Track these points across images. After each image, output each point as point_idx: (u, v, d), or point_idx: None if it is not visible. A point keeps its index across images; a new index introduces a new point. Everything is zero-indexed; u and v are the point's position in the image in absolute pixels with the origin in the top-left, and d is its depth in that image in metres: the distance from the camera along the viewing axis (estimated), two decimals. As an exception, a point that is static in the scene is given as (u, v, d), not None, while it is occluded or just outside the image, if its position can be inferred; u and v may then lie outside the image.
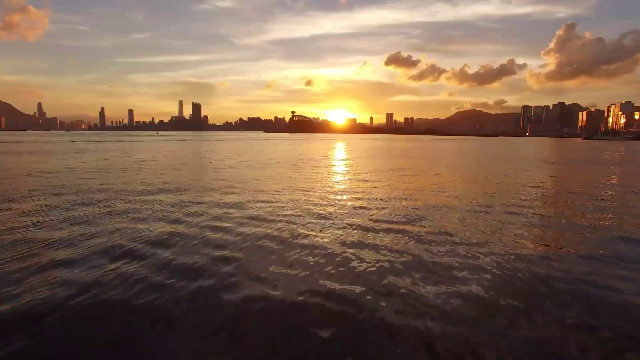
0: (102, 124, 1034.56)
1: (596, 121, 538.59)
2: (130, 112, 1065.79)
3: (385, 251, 10.59)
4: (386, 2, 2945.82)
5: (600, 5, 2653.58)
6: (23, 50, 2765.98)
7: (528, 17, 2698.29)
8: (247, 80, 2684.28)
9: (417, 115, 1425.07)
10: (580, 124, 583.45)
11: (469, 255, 10.32)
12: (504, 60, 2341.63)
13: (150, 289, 7.94)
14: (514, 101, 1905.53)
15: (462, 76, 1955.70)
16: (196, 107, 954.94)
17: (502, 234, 12.45)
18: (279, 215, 14.92)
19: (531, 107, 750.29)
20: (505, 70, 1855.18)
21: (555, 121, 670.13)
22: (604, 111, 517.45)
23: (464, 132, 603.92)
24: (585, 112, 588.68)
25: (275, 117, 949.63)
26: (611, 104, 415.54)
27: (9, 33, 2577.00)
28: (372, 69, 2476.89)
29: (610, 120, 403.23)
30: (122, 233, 12.14)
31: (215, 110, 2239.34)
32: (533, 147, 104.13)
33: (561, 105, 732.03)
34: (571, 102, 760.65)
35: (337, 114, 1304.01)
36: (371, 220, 14.31)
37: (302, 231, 12.65)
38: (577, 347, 6.11)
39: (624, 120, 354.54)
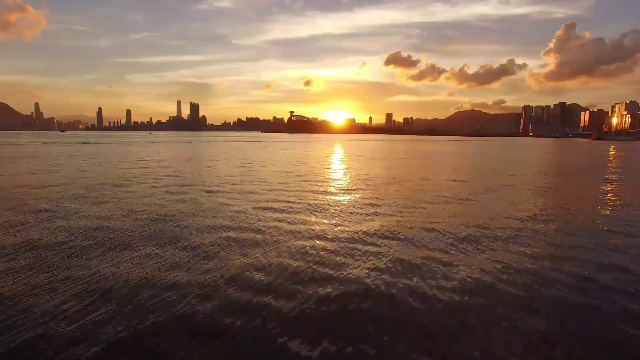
0: (99, 124, 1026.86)
1: (598, 121, 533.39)
2: (128, 112, 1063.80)
3: None
4: (384, 2, 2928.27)
5: (597, 5, 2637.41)
6: (21, 50, 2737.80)
7: (526, 18, 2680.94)
8: (245, 80, 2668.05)
9: (416, 115, 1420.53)
10: (582, 124, 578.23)
11: None
12: (501, 60, 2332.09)
13: None
14: (512, 101, 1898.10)
15: (461, 76, 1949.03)
16: (194, 107, 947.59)
17: None
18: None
19: (532, 107, 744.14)
20: (505, 71, 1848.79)
21: (556, 121, 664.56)
22: (607, 111, 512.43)
23: (464, 132, 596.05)
24: (587, 112, 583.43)
25: (274, 117, 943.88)
26: (615, 104, 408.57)
27: (6, 32, 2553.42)
28: (371, 69, 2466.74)
29: (615, 120, 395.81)
30: None
31: (215, 111, 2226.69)
32: (562, 151, 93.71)
33: (562, 105, 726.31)
34: (570, 102, 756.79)
35: (336, 114, 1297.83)
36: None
37: None
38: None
39: (630, 120, 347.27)
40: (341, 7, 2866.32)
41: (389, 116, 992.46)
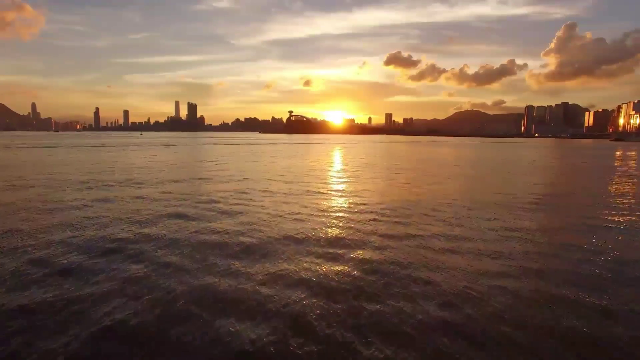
0: (96, 125, 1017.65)
1: (603, 122, 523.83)
2: (126, 112, 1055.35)
3: None
4: (383, 2, 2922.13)
5: (596, 6, 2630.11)
6: (18, 49, 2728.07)
7: (525, 18, 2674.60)
8: (245, 80, 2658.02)
9: (415, 115, 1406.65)
10: (586, 124, 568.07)
11: None
12: (501, 61, 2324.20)
13: None
14: (512, 102, 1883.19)
15: (461, 76, 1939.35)
16: (192, 108, 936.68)
17: None
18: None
19: (534, 107, 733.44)
20: (505, 71, 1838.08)
21: (558, 122, 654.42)
22: (612, 111, 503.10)
23: (466, 132, 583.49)
24: (592, 112, 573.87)
25: (273, 118, 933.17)
26: (622, 104, 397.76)
27: (4, 32, 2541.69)
28: (370, 69, 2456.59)
29: (622, 120, 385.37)
30: None
31: (214, 111, 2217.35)
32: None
33: (564, 105, 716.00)
34: (571, 103, 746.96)
35: (335, 114, 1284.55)
36: None
37: None
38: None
39: (639, 120, 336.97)
40: (340, 8, 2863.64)
41: (388, 116, 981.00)
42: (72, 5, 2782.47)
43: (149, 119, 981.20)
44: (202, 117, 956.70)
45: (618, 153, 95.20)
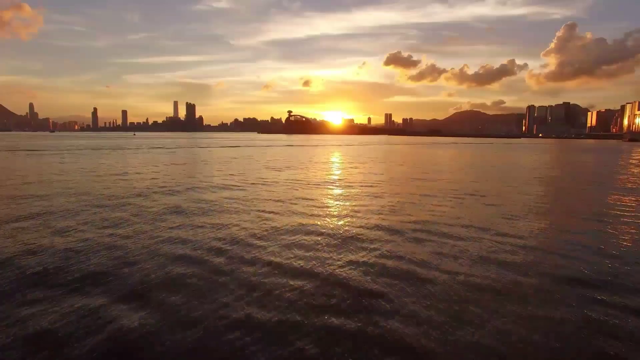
0: (95, 125, 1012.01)
1: (606, 122, 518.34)
2: (124, 112, 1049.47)
3: None
4: (382, 3, 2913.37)
5: (594, 7, 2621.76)
6: (17, 49, 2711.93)
7: (523, 19, 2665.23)
8: (244, 81, 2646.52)
9: (414, 115, 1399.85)
10: (589, 124, 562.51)
11: None
12: (499, 61, 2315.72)
13: None
14: (512, 102, 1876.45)
15: (461, 77, 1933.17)
16: (190, 108, 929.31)
17: None
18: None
19: (535, 107, 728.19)
20: (505, 71, 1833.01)
21: (560, 122, 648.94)
22: (614, 111, 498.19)
23: (467, 132, 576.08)
24: (595, 112, 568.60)
25: (272, 118, 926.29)
26: (626, 103, 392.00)
27: (1, 31, 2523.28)
28: (369, 69, 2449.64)
29: (626, 121, 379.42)
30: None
31: (213, 111, 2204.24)
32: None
33: (566, 105, 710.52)
34: (572, 103, 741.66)
35: (335, 114, 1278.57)
36: None
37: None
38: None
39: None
40: (339, 8, 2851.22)
41: (388, 117, 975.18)
42: (71, 5, 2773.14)
43: (147, 120, 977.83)
44: (200, 118, 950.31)
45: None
